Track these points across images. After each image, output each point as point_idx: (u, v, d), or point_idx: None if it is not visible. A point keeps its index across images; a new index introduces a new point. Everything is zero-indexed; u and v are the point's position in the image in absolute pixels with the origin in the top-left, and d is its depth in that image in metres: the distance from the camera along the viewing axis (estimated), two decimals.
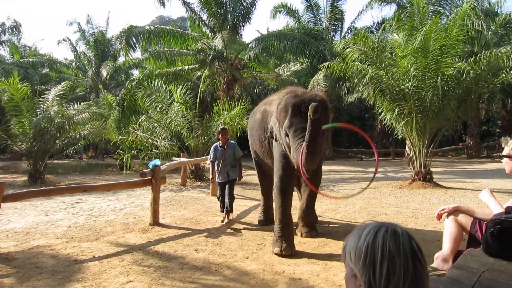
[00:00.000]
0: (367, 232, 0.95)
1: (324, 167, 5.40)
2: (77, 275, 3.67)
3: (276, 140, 4.44)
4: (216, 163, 5.87)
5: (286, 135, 4.00)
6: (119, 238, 5.06)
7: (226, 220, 5.76)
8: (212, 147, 5.93)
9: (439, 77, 8.36)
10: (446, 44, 8.42)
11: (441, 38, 8.30)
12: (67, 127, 11.27)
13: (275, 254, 4.14)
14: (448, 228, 2.82)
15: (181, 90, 11.28)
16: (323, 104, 3.95)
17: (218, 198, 5.97)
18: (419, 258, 0.91)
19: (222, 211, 5.80)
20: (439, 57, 8.51)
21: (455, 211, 2.85)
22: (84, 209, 7.15)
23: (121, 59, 25.89)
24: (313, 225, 5.05)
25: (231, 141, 6.02)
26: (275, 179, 4.53)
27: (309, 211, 4.96)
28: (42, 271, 3.78)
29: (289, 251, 4.14)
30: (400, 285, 0.87)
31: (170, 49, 15.20)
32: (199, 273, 3.68)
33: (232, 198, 5.75)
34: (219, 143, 5.89)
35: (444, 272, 2.36)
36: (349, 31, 21.36)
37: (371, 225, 0.96)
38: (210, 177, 6.33)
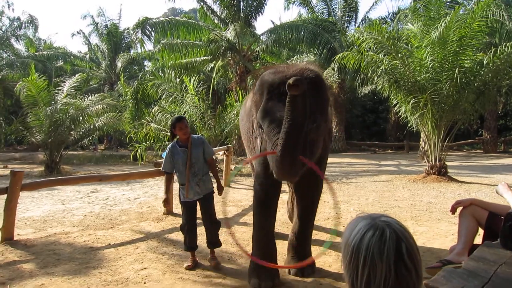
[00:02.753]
0: (356, 231, 0.95)
1: (336, 160, 4.71)
2: (93, 262, 3.75)
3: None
4: (177, 173, 3.71)
5: (261, 127, 2.89)
6: (134, 226, 5.14)
7: (189, 264, 3.62)
8: (167, 149, 3.77)
9: (457, 69, 8.19)
10: (466, 35, 8.23)
11: (461, 29, 8.11)
12: (81, 118, 11.44)
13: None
14: (464, 222, 2.79)
15: (194, 81, 11.33)
16: (316, 81, 2.77)
17: (181, 229, 3.74)
18: (406, 263, 0.89)
19: (187, 250, 3.69)
20: (457, 49, 8.33)
21: (470, 205, 2.82)
22: (99, 198, 7.28)
23: (133, 51, 26.13)
24: (307, 258, 3.45)
25: (196, 135, 3.86)
26: (254, 185, 3.36)
27: (303, 237, 3.46)
28: (60, 258, 3.88)
29: (269, 284, 3.10)
30: None
31: (183, 41, 15.25)
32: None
33: (216, 225, 3.70)
34: (176, 141, 3.72)
35: (460, 264, 2.34)
36: (363, 22, 21.03)
37: (363, 222, 0.96)
38: (163, 196, 3.99)
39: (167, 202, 3.95)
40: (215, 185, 3.78)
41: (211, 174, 3.78)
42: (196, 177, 3.59)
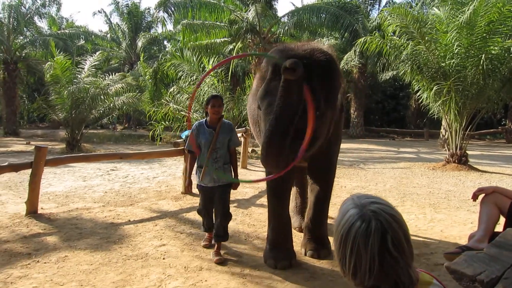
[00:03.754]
0: (345, 220, 0.98)
1: (354, 145, 4.70)
2: (114, 237, 3.87)
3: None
4: (199, 153, 3.43)
5: (259, 108, 2.76)
6: (153, 204, 5.26)
7: (206, 243, 3.67)
8: (194, 126, 3.50)
9: (484, 56, 7.91)
10: (495, 20, 7.90)
11: (490, 14, 7.79)
12: (101, 97, 11.61)
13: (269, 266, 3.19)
14: (485, 209, 2.75)
15: (213, 62, 11.29)
16: (325, 65, 2.61)
17: (198, 213, 3.72)
18: (391, 253, 0.93)
19: (206, 231, 3.67)
20: (485, 34, 8.03)
21: (493, 192, 2.77)
22: (119, 176, 7.44)
23: (153, 30, 26.21)
24: (323, 240, 3.45)
25: (227, 120, 3.61)
26: (266, 172, 3.26)
27: (318, 221, 3.40)
28: (82, 232, 4.02)
29: (285, 264, 3.13)
30: (366, 277, 0.94)
31: (204, 22, 15.19)
32: (229, 241, 3.76)
33: (227, 217, 3.43)
34: (205, 121, 3.48)
35: (481, 251, 2.32)
36: (387, 6, 20.47)
37: (352, 211, 0.99)
38: (184, 181, 4.27)
39: (189, 185, 3.82)
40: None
41: None
42: (216, 163, 3.34)
